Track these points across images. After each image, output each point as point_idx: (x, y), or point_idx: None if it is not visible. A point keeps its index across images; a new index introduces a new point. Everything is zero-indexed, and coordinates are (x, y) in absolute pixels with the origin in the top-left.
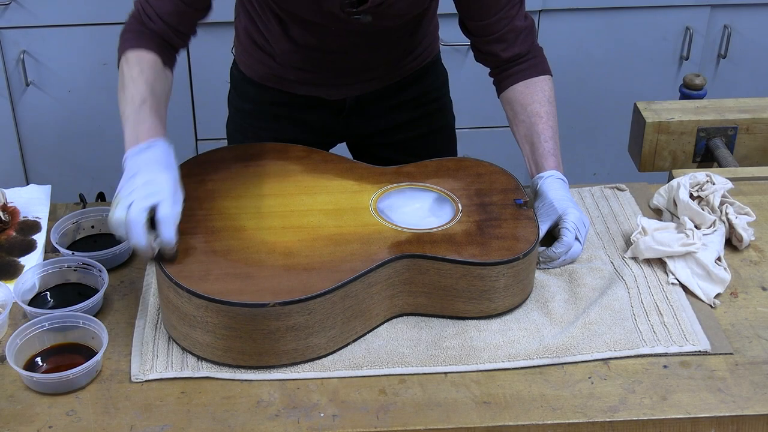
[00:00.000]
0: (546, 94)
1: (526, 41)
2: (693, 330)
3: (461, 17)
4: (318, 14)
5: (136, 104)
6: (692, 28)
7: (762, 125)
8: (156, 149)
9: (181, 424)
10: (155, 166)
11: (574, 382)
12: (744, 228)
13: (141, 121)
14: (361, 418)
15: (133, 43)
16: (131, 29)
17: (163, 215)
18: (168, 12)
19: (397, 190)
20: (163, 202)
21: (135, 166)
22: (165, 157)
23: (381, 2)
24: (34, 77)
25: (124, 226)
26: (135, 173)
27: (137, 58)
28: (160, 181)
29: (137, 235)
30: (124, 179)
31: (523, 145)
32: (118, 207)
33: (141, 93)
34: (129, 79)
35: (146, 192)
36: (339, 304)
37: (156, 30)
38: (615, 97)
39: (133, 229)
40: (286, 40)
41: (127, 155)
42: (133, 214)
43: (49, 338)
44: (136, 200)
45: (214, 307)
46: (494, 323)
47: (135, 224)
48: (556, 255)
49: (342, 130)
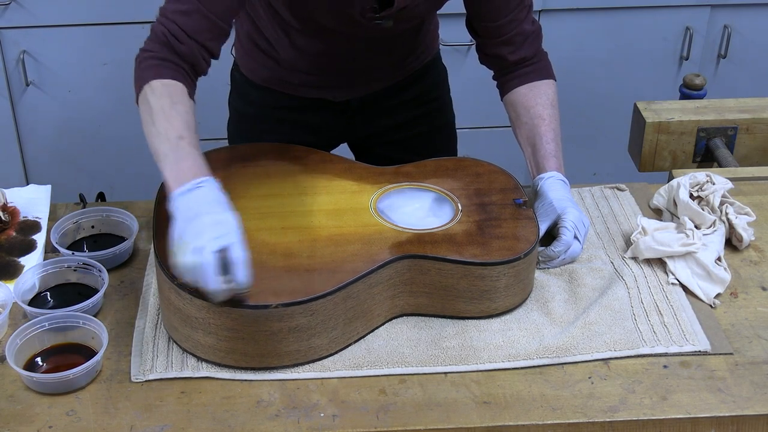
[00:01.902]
0: (549, 98)
1: (533, 45)
2: (693, 330)
3: (469, 18)
4: (338, 20)
5: (171, 140)
6: (692, 28)
7: (762, 125)
8: (207, 188)
9: (181, 424)
10: (216, 206)
11: (574, 382)
12: (744, 228)
13: (182, 158)
14: (361, 418)
15: (159, 72)
16: (153, 56)
17: (237, 257)
18: (198, 30)
19: (397, 190)
20: (234, 244)
21: (191, 207)
22: (220, 196)
23: (404, 6)
24: (34, 77)
25: (194, 272)
26: (196, 214)
27: (165, 88)
28: (228, 222)
29: (211, 281)
30: (182, 221)
31: (525, 146)
32: (188, 252)
33: (176, 128)
34: (159, 112)
35: (215, 234)
36: (341, 305)
37: (184, 53)
38: (615, 97)
39: (207, 274)
40: (290, 46)
41: (173, 195)
42: (206, 258)
43: (49, 338)
44: (207, 244)
45: (216, 309)
46: (494, 323)
47: (208, 269)
48: (556, 254)
49: (345, 130)
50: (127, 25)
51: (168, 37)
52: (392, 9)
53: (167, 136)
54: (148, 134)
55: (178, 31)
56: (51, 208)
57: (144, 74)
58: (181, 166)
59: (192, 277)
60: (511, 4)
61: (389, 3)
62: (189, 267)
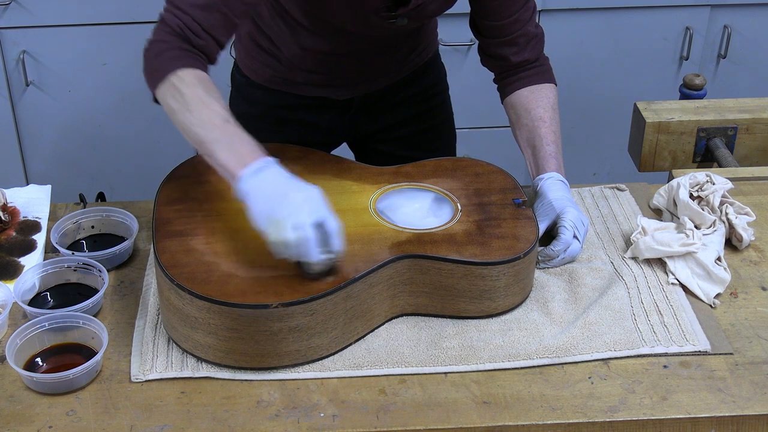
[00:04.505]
0: (550, 101)
1: (535, 48)
2: (693, 330)
3: (473, 17)
4: (352, 20)
5: (218, 125)
6: (692, 28)
7: (762, 125)
8: (277, 167)
9: (181, 424)
10: (296, 182)
11: (574, 382)
12: (744, 228)
13: (236, 141)
14: (361, 418)
15: (183, 62)
16: (171, 47)
17: (333, 227)
18: (215, 26)
19: (396, 191)
20: (329, 215)
21: (270, 185)
22: (289, 174)
23: (419, 4)
24: (34, 77)
25: (297, 247)
26: (281, 193)
27: (194, 77)
28: (317, 196)
29: (314, 253)
30: (264, 200)
31: (525, 148)
32: (287, 228)
33: (219, 113)
34: (196, 99)
35: (310, 208)
36: (341, 305)
37: (202, 47)
38: (615, 97)
39: (310, 247)
40: (295, 45)
41: (241, 176)
42: (308, 233)
43: (49, 338)
44: (305, 219)
45: (216, 309)
46: (494, 323)
47: (310, 242)
48: (555, 253)
49: (347, 129)
50: (127, 25)
51: (184, 30)
52: (408, 7)
53: (212, 122)
54: (185, 123)
55: (194, 25)
56: (51, 208)
57: (165, 65)
58: (238, 149)
59: (295, 252)
60: (517, 3)
61: (405, 1)
62: (292, 243)
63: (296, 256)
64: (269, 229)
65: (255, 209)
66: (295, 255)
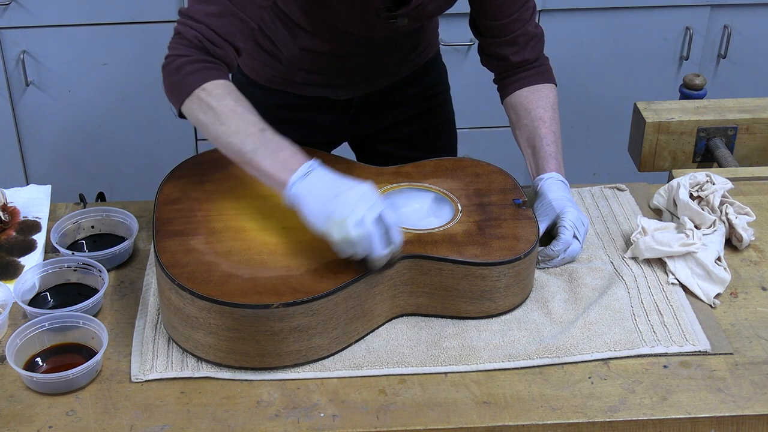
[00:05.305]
0: (550, 101)
1: (535, 48)
2: (693, 330)
3: (474, 16)
4: (353, 21)
5: (255, 135)
6: (692, 28)
7: (762, 125)
8: (322, 168)
9: (181, 424)
10: (347, 180)
11: (574, 382)
12: (744, 228)
13: (276, 148)
14: (361, 418)
15: (206, 75)
16: (193, 60)
17: (392, 221)
18: (232, 32)
19: (396, 191)
20: (386, 209)
21: (323, 187)
22: (336, 173)
23: (419, 4)
24: (34, 77)
25: (361, 243)
26: (336, 193)
27: (221, 88)
28: (371, 192)
29: (378, 247)
30: (320, 202)
31: (525, 148)
32: (350, 227)
33: (254, 122)
34: (227, 111)
35: (368, 204)
36: (342, 305)
37: (221, 56)
38: (615, 97)
39: (374, 242)
40: (295, 47)
41: (292, 183)
42: (371, 228)
43: (49, 338)
44: (366, 215)
45: (217, 309)
46: (494, 323)
47: (374, 237)
48: (555, 253)
49: (348, 129)
50: (127, 25)
51: (203, 41)
52: (408, 7)
53: (248, 132)
54: (219, 135)
55: (211, 34)
56: (51, 208)
57: (188, 79)
58: (280, 156)
59: (360, 249)
60: (517, 3)
61: (405, 1)
62: (356, 240)
63: (362, 252)
64: (332, 230)
65: (311, 212)
66: (360, 252)
